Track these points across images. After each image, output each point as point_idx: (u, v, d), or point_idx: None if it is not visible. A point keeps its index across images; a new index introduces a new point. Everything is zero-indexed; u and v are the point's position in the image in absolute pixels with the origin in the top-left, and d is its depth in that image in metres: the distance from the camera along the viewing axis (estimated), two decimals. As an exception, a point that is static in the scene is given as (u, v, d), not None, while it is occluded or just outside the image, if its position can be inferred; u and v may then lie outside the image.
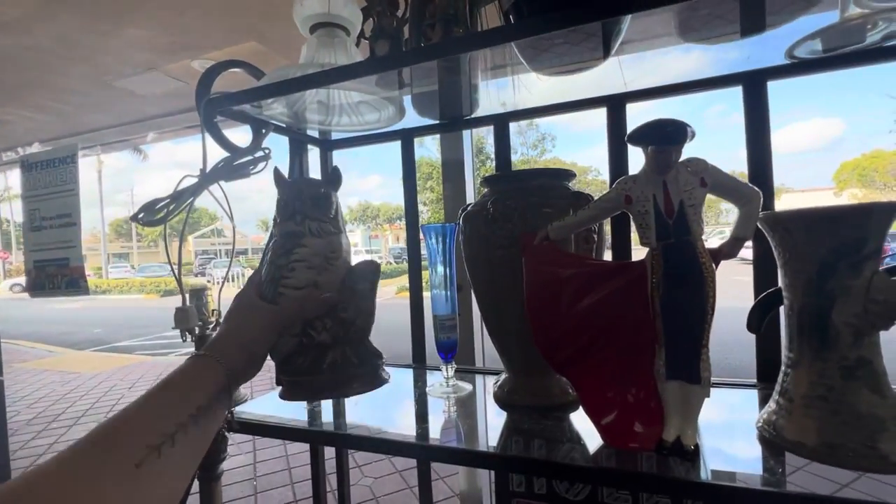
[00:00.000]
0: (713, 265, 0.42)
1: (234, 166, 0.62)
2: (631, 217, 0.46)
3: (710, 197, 0.43)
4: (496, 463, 0.54)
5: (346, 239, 0.53)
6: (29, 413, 3.77)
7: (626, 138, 0.44)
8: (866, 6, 0.45)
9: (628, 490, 0.62)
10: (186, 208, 0.58)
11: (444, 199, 0.95)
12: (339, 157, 0.91)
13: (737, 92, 0.63)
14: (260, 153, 0.64)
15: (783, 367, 0.46)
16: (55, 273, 1.50)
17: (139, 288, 17.61)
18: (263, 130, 0.67)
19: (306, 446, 0.90)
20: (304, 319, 0.48)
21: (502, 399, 0.62)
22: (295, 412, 0.64)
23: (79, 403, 4.02)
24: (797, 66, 0.58)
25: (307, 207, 0.50)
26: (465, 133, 0.93)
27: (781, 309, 0.48)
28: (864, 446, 0.39)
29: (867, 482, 0.39)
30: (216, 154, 0.66)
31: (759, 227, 0.46)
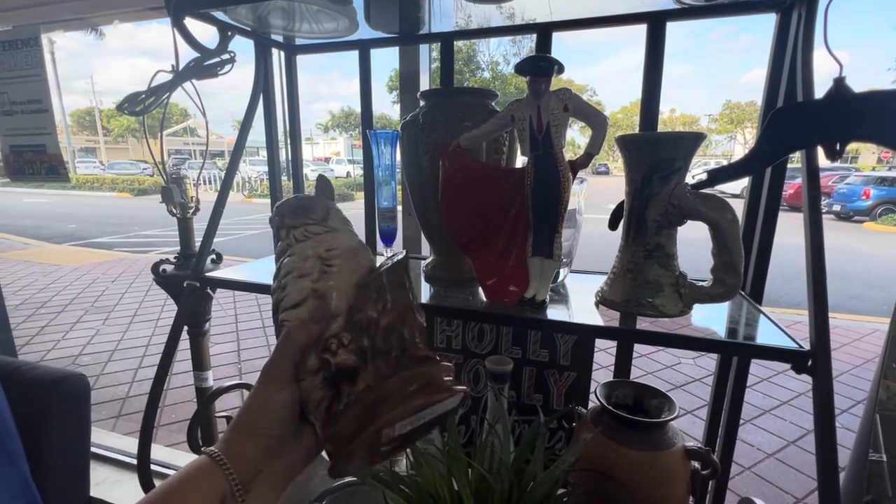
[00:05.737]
0: (570, 173, 0.57)
1: (204, 66, 0.71)
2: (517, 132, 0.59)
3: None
4: (426, 309, 0.72)
5: (353, 237, 0.44)
6: (15, 299, 3.94)
7: (514, 68, 0.55)
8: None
9: (498, 323, 0.85)
10: (164, 102, 0.69)
11: (401, 108, 1.05)
12: (321, 60, 0.98)
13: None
14: (226, 55, 0.72)
15: (617, 252, 0.63)
16: (34, 159, 1.55)
17: (111, 185, 17.09)
18: (229, 33, 0.75)
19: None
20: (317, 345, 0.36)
21: (427, 274, 0.79)
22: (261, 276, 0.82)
23: (63, 293, 4.21)
24: (687, 11, 0.68)
25: (288, 219, 0.43)
26: (423, 49, 1.01)
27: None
28: (647, 301, 0.58)
29: (644, 324, 0.59)
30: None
31: (618, 146, 0.61)
